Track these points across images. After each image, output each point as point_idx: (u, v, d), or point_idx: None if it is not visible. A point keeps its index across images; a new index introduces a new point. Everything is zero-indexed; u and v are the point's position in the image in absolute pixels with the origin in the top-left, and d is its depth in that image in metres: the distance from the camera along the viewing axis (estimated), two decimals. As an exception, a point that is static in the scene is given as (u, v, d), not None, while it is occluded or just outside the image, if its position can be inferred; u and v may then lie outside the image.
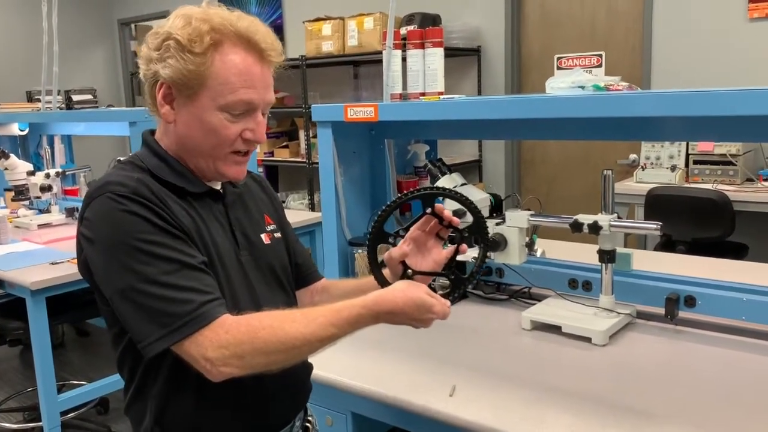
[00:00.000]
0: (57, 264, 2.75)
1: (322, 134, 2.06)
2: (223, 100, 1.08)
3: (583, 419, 1.29)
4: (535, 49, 4.72)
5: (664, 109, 1.43)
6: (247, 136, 1.13)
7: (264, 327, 1.02)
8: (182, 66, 1.06)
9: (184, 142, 1.13)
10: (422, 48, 2.02)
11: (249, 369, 1.03)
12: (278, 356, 1.03)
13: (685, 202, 3.47)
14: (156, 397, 1.13)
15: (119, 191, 1.05)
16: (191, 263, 1.05)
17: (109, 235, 1.03)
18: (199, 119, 1.09)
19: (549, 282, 1.96)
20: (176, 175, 1.14)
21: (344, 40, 4.93)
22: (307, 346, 1.04)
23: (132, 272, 1.01)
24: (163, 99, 1.11)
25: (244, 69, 1.08)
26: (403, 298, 1.10)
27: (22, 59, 6.56)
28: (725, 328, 1.70)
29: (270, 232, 1.28)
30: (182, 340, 1.01)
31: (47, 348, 2.68)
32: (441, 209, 1.21)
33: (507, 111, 1.69)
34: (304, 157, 5.28)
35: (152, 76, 1.10)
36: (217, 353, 1.00)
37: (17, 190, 3.53)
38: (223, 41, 1.07)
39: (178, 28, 1.06)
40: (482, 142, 4.95)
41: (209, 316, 1.02)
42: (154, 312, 1.01)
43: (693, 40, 3.99)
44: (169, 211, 1.08)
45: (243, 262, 1.19)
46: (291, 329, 1.02)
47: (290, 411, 1.27)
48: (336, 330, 1.05)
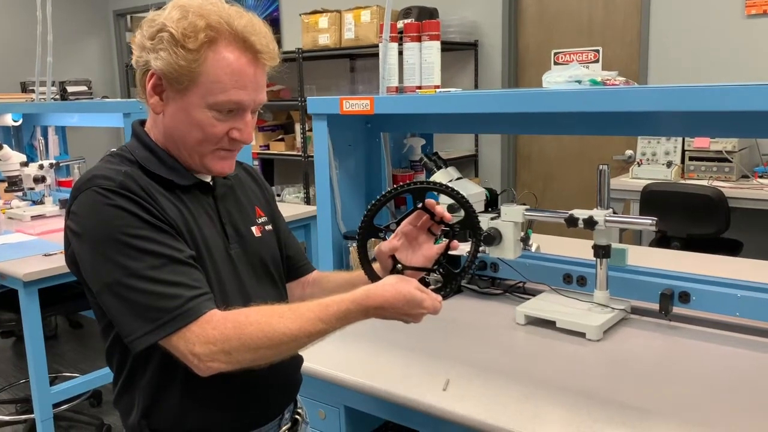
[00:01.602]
0: (50, 255, 2.74)
1: (317, 127, 2.05)
2: (213, 98, 1.06)
3: (577, 414, 1.29)
4: (532, 44, 4.71)
5: (662, 104, 1.43)
6: (234, 136, 1.11)
7: (251, 323, 1.01)
8: (174, 60, 1.04)
9: (170, 133, 1.12)
10: (419, 41, 2.01)
11: (236, 364, 1.02)
12: (265, 352, 1.02)
13: (681, 198, 3.47)
14: (144, 389, 1.12)
15: (105, 185, 1.04)
16: (178, 257, 1.04)
17: (95, 230, 1.02)
18: (186, 114, 1.08)
19: (544, 277, 1.95)
20: (165, 167, 1.12)
21: (341, 33, 4.91)
22: (294, 342, 1.03)
23: (119, 267, 1.00)
24: (153, 89, 1.09)
25: (237, 69, 1.06)
26: (393, 293, 1.09)
27: (16, 49, 6.52)
28: (720, 324, 1.70)
29: (261, 225, 1.27)
30: (170, 336, 1.00)
31: (40, 340, 2.66)
32: (432, 204, 1.21)
33: (504, 105, 1.68)
34: (299, 151, 5.27)
35: (144, 65, 1.08)
36: (204, 349, 0.99)
37: (10, 181, 3.51)
38: (218, 39, 1.05)
39: (174, 21, 1.04)
40: (478, 137, 4.94)
41: (197, 312, 1.01)
42: (141, 307, 1.00)
43: (690, 36, 3.98)
44: (157, 204, 1.06)
45: (233, 256, 1.18)
46: (278, 325, 1.01)
47: (279, 404, 1.26)
48: (324, 325, 1.04)
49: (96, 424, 3.15)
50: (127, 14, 7.70)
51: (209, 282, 1.09)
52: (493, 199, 2.03)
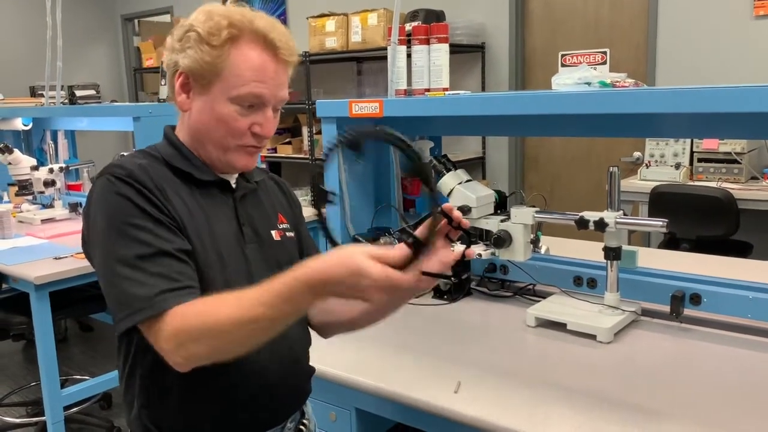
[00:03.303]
0: (61, 259, 2.76)
1: (326, 130, 2.05)
2: (235, 92, 1.11)
3: (588, 416, 1.29)
4: (539, 46, 4.71)
5: (673, 106, 1.42)
6: (256, 130, 1.15)
7: (197, 313, 0.99)
8: (199, 57, 1.10)
9: (196, 129, 1.17)
10: (427, 44, 2.01)
11: (195, 358, 0.99)
12: (212, 342, 0.98)
13: (690, 200, 3.46)
14: (144, 381, 1.14)
15: (117, 173, 1.09)
16: (168, 250, 1.05)
17: (100, 215, 1.07)
18: (210, 109, 1.13)
19: (554, 279, 1.95)
20: (186, 161, 1.18)
21: (348, 36, 4.92)
22: (237, 329, 0.96)
23: (112, 252, 1.04)
24: (181, 88, 1.15)
25: (258, 65, 1.12)
26: (334, 262, 0.92)
27: (26, 54, 6.56)
28: (731, 326, 1.70)
29: (282, 230, 1.28)
30: (142, 324, 1.01)
31: (51, 342, 2.68)
32: (450, 209, 1.19)
33: (514, 107, 1.68)
34: (306, 154, 5.28)
35: (173, 66, 1.15)
36: (166, 345, 0.99)
37: (21, 185, 3.54)
38: (241, 37, 1.11)
39: (200, 22, 1.12)
40: (486, 140, 4.94)
41: (164, 305, 1.00)
42: (121, 292, 1.02)
43: (698, 37, 3.97)
44: (163, 198, 1.10)
45: (248, 255, 1.18)
46: (221, 314, 0.97)
47: (280, 412, 1.24)
48: (265, 309, 0.95)
49: (106, 426, 3.16)
50: (135, 18, 7.74)
51: (213, 278, 1.10)
52: (502, 202, 2.03)
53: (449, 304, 1.98)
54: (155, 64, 6.46)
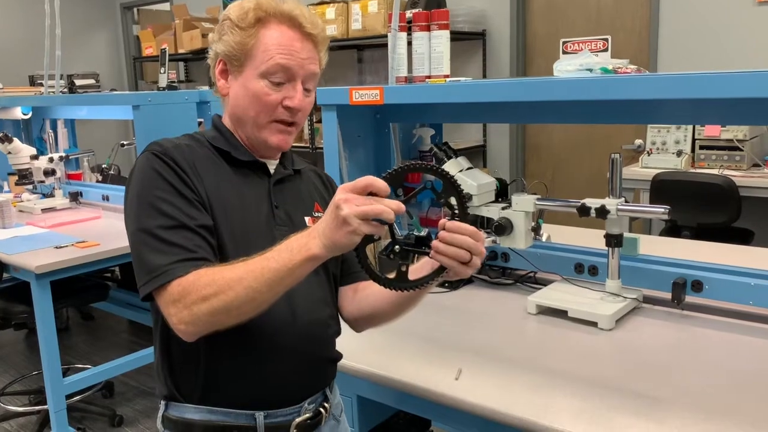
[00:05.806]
0: (61, 248, 2.76)
1: (326, 118, 2.04)
2: (264, 66, 1.19)
3: (590, 403, 1.29)
4: (540, 33, 4.68)
5: (675, 92, 1.41)
6: (287, 104, 1.21)
7: (200, 275, 1.05)
8: (232, 39, 1.20)
9: (234, 111, 1.25)
10: (428, 30, 1.99)
11: (197, 321, 1.04)
12: (213, 299, 1.02)
13: (691, 187, 3.45)
14: (173, 346, 1.19)
15: (155, 150, 1.18)
16: (189, 224, 1.12)
17: (134, 186, 1.16)
18: (245, 88, 1.21)
19: (555, 266, 1.95)
20: (226, 142, 1.26)
21: (348, 24, 4.90)
22: (236, 283, 1.01)
23: (139, 222, 1.12)
24: (220, 74, 1.25)
25: (285, 41, 1.20)
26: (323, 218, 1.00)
27: (25, 43, 6.52)
28: (732, 313, 1.70)
29: (316, 218, 1.29)
30: (157, 291, 1.07)
31: (52, 332, 2.68)
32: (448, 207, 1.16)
33: (515, 93, 1.67)
34: (307, 142, 5.27)
35: (214, 56, 1.25)
36: (172, 308, 1.06)
37: (21, 174, 3.54)
38: (268, 18, 1.20)
39: (233, 10, 1.22)
40: (486, 127, 4.92)
41: (176, 272, 1.06)
42: (143, 260, 1.10)
43: (700, 23, 3.95)
44: (193, 174, 1.17)
45: (276, 237, 1.16)
46: (226, 271, 1.04)
47: (298, 391, 1.25)
48: (264, 260, 1.01)
49: (108, 414, 3.17)
50: (134, 7, 7.70)
51: (235, 253, 1.13)
52: (503, 189, 2.02)
53: (450, 292, 1.98)
54: (155, 52, 6.43)
